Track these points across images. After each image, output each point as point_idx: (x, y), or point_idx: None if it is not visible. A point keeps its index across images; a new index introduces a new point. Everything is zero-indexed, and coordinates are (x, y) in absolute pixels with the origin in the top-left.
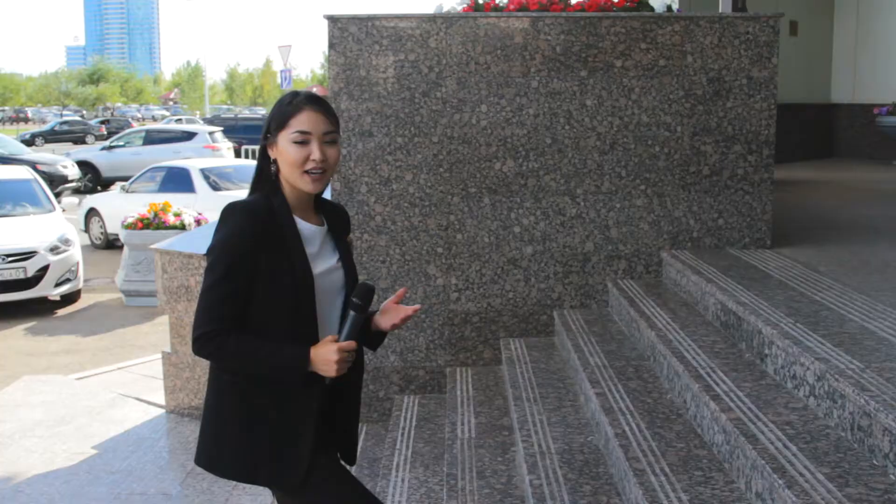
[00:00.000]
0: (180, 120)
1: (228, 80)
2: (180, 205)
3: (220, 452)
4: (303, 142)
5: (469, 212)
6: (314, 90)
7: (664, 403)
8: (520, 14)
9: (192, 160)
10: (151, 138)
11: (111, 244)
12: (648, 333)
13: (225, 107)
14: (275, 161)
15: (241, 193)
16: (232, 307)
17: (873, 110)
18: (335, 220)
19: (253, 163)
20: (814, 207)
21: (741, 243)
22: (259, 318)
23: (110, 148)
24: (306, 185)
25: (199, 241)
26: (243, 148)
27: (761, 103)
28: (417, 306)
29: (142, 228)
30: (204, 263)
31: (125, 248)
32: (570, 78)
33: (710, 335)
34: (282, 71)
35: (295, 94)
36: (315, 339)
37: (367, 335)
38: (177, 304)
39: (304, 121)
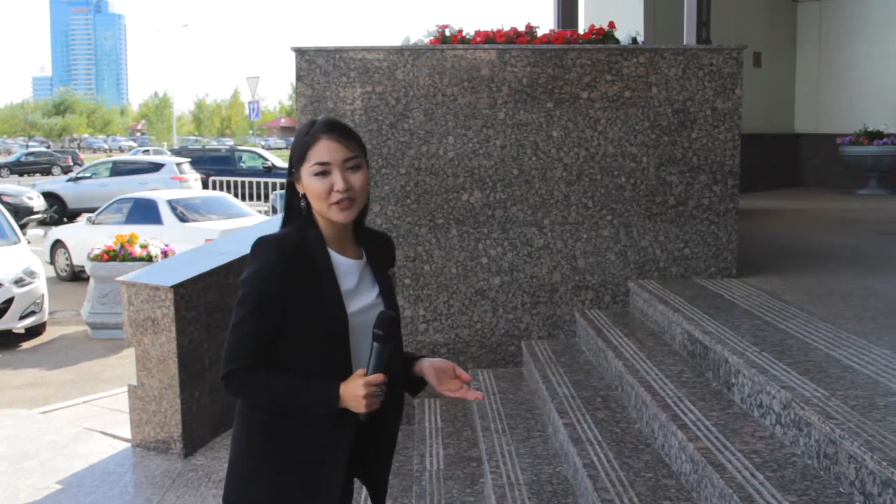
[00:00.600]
0: (147, 151)
1: (196, 111)
2: (147, 236)
3: (245, 492)
4: (323, 172)
5: (437, 243)
6: (282, 122)
7: (632, 433)
8: (486, 46)
9: (159, 191)
10: (118, 170)
11: (77, 276)
12: (616, 363)
13: (193, 138)
14: (303, 196)
15: (209, 225)
16: (259, 344)
17: (836, 140)
18: (376, 251)
19: (220, 194)
20: (779, 237)
21: (707, 272)
22: (291, 355)
23: (76, 179)
24: (336, 215)
25: (166, 273)
26: (210, 179)
27: (725, 134)
28: (481, 395)
29: (108, 260)
30: (171, 295)
31: (91, 280)
32: (536, 109)
33: (678, 364)
34: (250, 102)
35: (311, 123)
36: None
37: (405, 377)
38: (143, 337)
39: (322, 151)
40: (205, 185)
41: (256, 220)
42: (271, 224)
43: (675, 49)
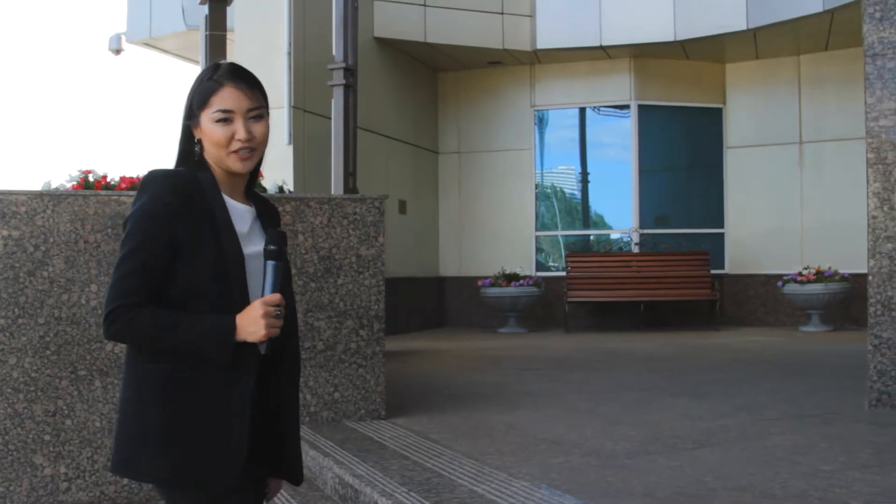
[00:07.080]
0: None
1: None
2: None
3: (139, 452)
4: (226, 120)
5: (79, 395)
6: None
7: None
8: (132, 193)
9: None
10: None
11: None
12: None
13: None
14: (199, 141)
15: None
16: (147, 279)
17: (477, 282)
18: (264, 209)
19: None
20: (427, 376)
21: (357, 415)
22: (186, 301)
23: None
24: (234, 164)
25: None
26: None
27: (370, 279)
28: None
29: None
30: None
31: None
32: None
33: None
34: None
35: (215, 67)
36: None
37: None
38: None
39: (226, 98)
40: None
41: None
42: None
43: (321, 198)
